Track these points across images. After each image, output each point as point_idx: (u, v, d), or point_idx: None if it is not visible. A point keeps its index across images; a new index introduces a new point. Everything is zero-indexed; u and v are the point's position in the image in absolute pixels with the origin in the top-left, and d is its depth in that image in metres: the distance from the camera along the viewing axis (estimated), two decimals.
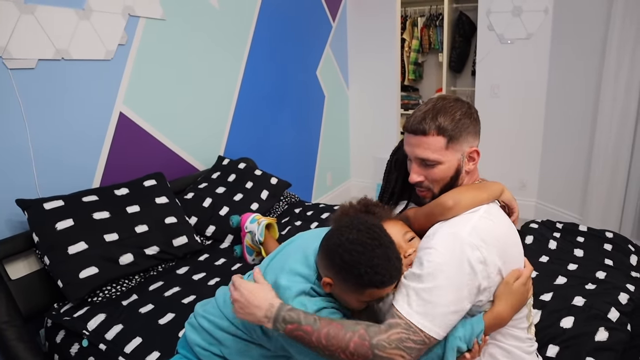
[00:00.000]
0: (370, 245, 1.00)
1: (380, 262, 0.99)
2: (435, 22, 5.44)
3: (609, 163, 3.13)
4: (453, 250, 1.01)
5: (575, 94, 3.39)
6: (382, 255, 1.00)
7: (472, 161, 1.16)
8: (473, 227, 1.04)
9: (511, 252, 1.10)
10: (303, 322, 0.99)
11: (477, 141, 1.17)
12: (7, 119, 1.76)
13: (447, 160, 1.12)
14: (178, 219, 2.05)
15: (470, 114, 1.14)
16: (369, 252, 0.99)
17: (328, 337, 0.97)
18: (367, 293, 1.03)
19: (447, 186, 1.15)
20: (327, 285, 1.06)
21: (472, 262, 1.00)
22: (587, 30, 3.21)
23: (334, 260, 1.02)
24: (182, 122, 2.58)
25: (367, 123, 4.50)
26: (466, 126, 1.12)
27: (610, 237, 2.14)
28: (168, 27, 2.41)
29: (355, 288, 1.03)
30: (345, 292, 1.06)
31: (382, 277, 0.99)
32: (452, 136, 1.11)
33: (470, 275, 1.00)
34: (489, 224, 1.07)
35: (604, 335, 1.43)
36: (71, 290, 1.65)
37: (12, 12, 1.73)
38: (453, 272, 1.00)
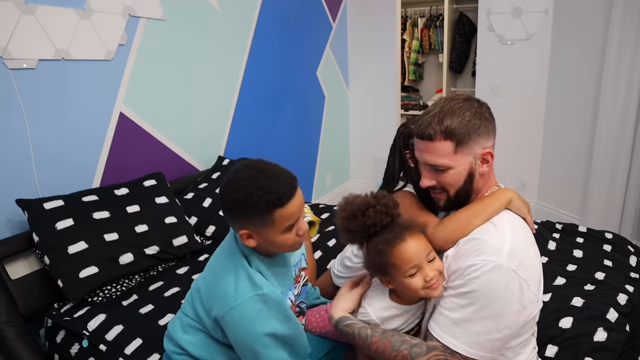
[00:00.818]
0: (251, 175, 1.04)
1: (267, 182, 1.02)
2: (436, 23, 5.44)
3: (609, 164, 3.13)
4: (496, 283, 0.99)
5: (576, 95, 3.39)
6: (266, 177, 1.04)
7: (486, 163, 1.11)
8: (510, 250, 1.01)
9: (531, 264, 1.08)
10: (357, 336, 1.11)
11: (490, 141, 1.11)
12: (8, 119, 1.77)
13: (457, 165, 1.08)
14: (178, 219, 2.05)
15: (480, 113, 1.08)
16: (252, 179, 1.03)
17: (377, 351, 1.08)
18: (277, 218, 1.04)
19: (463, 190, 1.11)
20: (248, 238, 1.08)
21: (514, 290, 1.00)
22: (587, 31, 3.21)
23: (232, 207, 1.06)
24: (182, 122, 2.59)
25: (367, 123, 4.50)
26: (476, 127, 1.07)
27: (610, 238, 2.14)
28: (168, 27, 2.42)
29: (263, 218, 1.04)
30: (264, 232, 1.07)
31: (276, 194, 1.02)
32: (460, 140, 1.06)
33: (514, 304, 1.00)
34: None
35: (602, 336, 1.43)
36: (71, 290, 1.65)
37: (13, 13, 1.73)
38: (495, 305, 1.00)
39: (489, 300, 0.98)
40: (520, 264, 1.00)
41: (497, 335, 1.00)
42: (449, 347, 1.02)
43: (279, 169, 1.08)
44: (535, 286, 1.05)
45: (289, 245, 1.11)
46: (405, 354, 1.04)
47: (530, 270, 1.03)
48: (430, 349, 1.04)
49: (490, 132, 1.10)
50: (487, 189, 1.16)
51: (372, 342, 1.08)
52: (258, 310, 1.06)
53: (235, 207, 1.05)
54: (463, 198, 1.13)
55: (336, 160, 4.46)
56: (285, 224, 1.06)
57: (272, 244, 1.09)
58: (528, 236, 1.11)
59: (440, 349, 1.03)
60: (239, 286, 1.08)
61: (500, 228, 1.05)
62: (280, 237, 1.08)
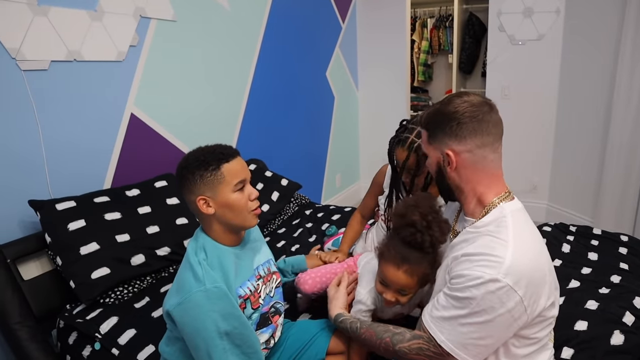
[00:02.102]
0: (198, 148, 1.24)
1: (211, 147, 1.23)
2: (445, 23, 5.42)
3: (622, 165, 3.09)
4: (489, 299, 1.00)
5: (588, 95, 3.35)
6: (210, 146, 1.23)
7: (449, 165, 1.10)
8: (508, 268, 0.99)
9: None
10: (349, 330, 1.29)
11: (460, 145, 1.07)
12: (20, 120, 1.77)
13: (430, 154, 1.16)
14: (189, 220, 2.05)
15: (458, 113, 1.06)
16: (200, 149, 1.23)
17: (365, 341, 1.24)
18: (226, 173, 1.18)
19: (439, 182, 1.18)
20: (207, 207, 1.19)
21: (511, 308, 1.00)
22: (600, 30, 3.18)
23: (186, 173, 1.19)
24: (193, 123, 2.59)
25: (377, 124, 4.49)
26: (443, 125, 1.08)
27: (625, 241, 2.11)
28: (179, 28, 2.42)
29: (214, 175, 1.18)
30: (218, 192, 1.19)
31: (220, 152, 1.20)
32: (431, 132, 1.13)
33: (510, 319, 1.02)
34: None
35: (619, 339, 1.41)
36: (83, 291, 1.65)
37: (26, 14, 1.74)
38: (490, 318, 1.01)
39: (482, 310, 0.99)
40: (521, 278, 0.98)
41: (482, 342, 1.03)
42: (434, 339, 1.07)
43: (220, 146, 1.25)
44: (543, 295, 1.03)
45: (243, 206, 1.21)
46: (387, 341, 1.17)
47: (536, 283, 1.01)
48: (414, 337, 1.13)
49: (460, 135, 1.07)
50: (483, 192, 1.11)
51: (361, 332, 1.24)
52: (200, 305, 1.10)
53: (188, 172, 1.19)
54: (445, 190, 1.19)
55: (346, 161, 4.44)
56: (234, 179, 1.19)
57: (228, 206, 1.20)
58: (537, 244, 1.08)
59: (424, 339, 1.10)
60: (185, 283, 1.14)
61: (504, 239, 1.03)
62: (233, 197, 1.20)
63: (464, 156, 1.08)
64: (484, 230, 1.07)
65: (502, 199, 1.11)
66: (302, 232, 2.43)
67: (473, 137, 1.07)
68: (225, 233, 1.25)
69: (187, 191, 1.21)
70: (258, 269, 1.34)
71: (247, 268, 1.29)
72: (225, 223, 1.23)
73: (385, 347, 1.18)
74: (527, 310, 1.00)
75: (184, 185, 1.21)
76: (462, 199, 1.16)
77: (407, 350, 1.13)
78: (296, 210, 2.77)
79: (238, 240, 1.31)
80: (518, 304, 0.98)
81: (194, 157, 1.20)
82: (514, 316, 1.00)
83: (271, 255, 1.47)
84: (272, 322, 1.36)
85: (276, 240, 2.36)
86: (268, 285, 1.36)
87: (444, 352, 1.06)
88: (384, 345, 1.17)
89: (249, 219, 1.24)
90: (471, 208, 1.14)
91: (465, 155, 1.08)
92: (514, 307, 0.98)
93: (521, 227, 1.06)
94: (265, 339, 1.33)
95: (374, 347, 1.22)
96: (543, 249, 1.09)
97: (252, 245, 1.37)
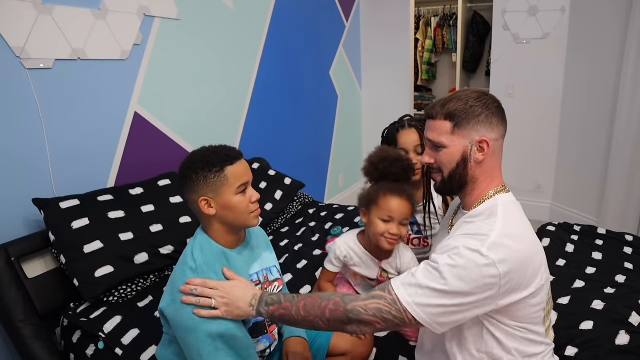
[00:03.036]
0: (202, 149, 1.24)
1: (216, 148, 1.22)
2: (449, 22, 5.40)
3: (626, 164, 3.07)
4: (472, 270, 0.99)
5: (593, 94, 3.34)
6: (214, 147, 1.23)
7: (482, 152, 1.10)
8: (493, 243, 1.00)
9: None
10: (283, 300, 1.12)
11: (492, 133, 1.11)
12: (25, 119, 1.78)
13: (452, 145, 1.11)
14: (192, 219, 2.04)
15: (485, 103, 1.10)
16: (204, 149, 1.22)
17: (305, 307, 1.08)
18: (230, 175, 1.18)
19: (457, 174, 1.13)
20: (208, 207, 1.19)
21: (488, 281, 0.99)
22: (605, 29, 3.16)
23: (190, 173, 1.19)
24: (196, 122, 2.59)
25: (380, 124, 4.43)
26: (476, 114, 1.09)
27: (630, 241, 2.10)
28: (183, 27, 2.42)
29: (218, 177, 1.17)
30: (221, 193, 1.18)
31: (225, 154, 1.19)
32: (458, 122, 1.10)
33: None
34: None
35: (625, 339, 1.40)
36: (87, 289, 1.65)
37: (31, 13, 1.74)
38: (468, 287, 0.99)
39: (458, 279, 0.98)
40: (503, 255, 0.98)
41: (452, 312, 1.00)
42: (399, 301, 1.02)
43: (222, 146, 1.26)
44: (525, 281, 1.02)
45: (244, 209, 1.21)
46: (337, 301, 1.06)
47: (519, 265, 1.01)
48: (373, 297, 1.05)
49: (492, 123, 1.11)
50: (488, 184, 1.14)
51: (299, 300, 1.11)
52: (193, 306, 1.10)
53: (192, 172, 1.18)
54: (457, 183, 1.14)
55: (349, 161, 4.44)
56: (237, 182, 1.19)
57: (229, 207, 1.19)
58: (525, 231, 1.08)
59: (387, 300, 1.03)
60: (179, 282, 1.14)
61: (492, 222, 1.05)
62: (235, 199, 1.19)
63: (493, 144, 1.11)
64: (476, 219, 1.09)
65: (497, 191, 1.14)
66: (305, 231, 2.43)
67: (500, 125, 1.12)
68: (226, 233, 1.25)
69: (189, 190, 1.21)
70: (257, 274, 1.33)
71: (243, 271, 1.28)
72: (226, 223, 1.23)
73: (332, 309, 1.05)
74: (500, 289, 0.98)
75: (186, 184, 1.21)
76: (467, 191, 1.15)
77: (362, 310, 1.03)
78: (299, 209, 2.76)
79: (238, 242, 1.30)
80: (495, 279, 0.97)
81: (198, 158, 1.20)
82: (487, 290, 0.98)
83: (275, 262, 1.44)
84: (268, 331, 1.34)
85: (279, 239, 2.36)
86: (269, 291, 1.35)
87: (408, 317, 1.01)
88: (332, 307, 1.06)
89: (250, 219, 1.24)
90: (471, 200, 1.15)
91: (494, 143, 1.11)
92: (491, 282, 0.97)
93: (511, 215, 1.08)
94: (260, 349, 1.32)
95: (316, 315, 1.07)
96: (531, 237, 1.09)
97: (253, 251, 1.35)
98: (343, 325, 1.06)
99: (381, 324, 1.04)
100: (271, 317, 1.13)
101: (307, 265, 2.02)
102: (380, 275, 1.54)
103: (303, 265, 2.02)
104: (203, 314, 1.11)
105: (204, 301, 1.11)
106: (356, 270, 1.55)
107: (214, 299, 1.12)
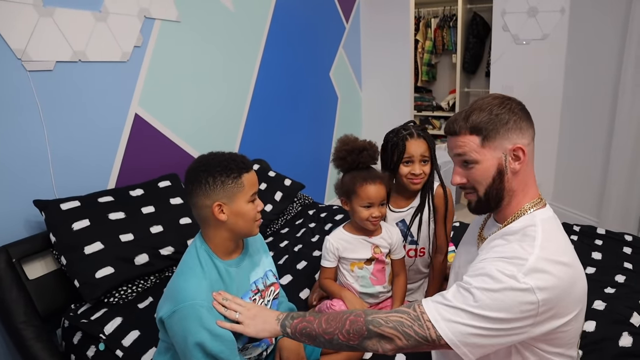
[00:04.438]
0: (215, 154, 1.25)
1: (231, 155, 1.23)
2: (449, 23, 5.40)
3: (626, 164, 3.07)
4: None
5: (592, 94, 3.34)
6: (227, 153, 1.24)
7: (517, 160, 1.03)
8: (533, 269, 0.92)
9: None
10: (307, 315, 1.12)
11: (523, 139, 1.04)
12: (25, 121, 1.78)
13: (484, 159, 1.04)
14: (193, 220, 2.05)
15: (511, 108, 1.04)
16: (219, 154, 1.23)
17: (327, 320, 1.07)
18: (246, 182, 1.20)
19: (493, 189, 1.05)
20: (220, 213, 1.18)
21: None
22: (605, 30, 3.16)
23: (207, 177, 1.17)
24: (196, 124, 2.59)
25: (380, 125, 4.46)
26: (504, 122, 1.02)
27: (630, 241, 2.10)
28: (183, 29, 2.43)
29: (235, 182, 1.18)
30: (235, 199, 1.19)
31: (241, 161, 1.21)
32: (486, 134, 1.03)
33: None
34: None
35: (628, 341, 1.40)
36: (87, 290, 1.66)
37: (31, 15, 1.75)
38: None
39: (492, 305, 0.91)
40: (541, 281, 0.90)
41: (482, 338, 0.93)
42: (423, 316, 0.96)
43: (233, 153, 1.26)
44: (564, 308, 0.95)
45: (252, 217, 1.23)
46: (359, 313, 1.04)
47: (558, 292, 0.92)
48: (396, 311, 1.00)
49: (522, 128, 1.04)
50: (524, 195, 1.07)
51: (323, 314, 1.10)
52: (191, 319, 1.09)
53: (209, 175, 1.17)
54: (494, 199, 1.07)
55: None
56: (251, 190, 1.22)
57: (240, 214, 1.20)
58: (566, 253, 0.98)
59: (410, 315, 0.97)
60: (180, 292, 1.13)
61: (530, 245, 0.96)
62: (247, 207, 1.21)
63: (527, 149, 1.04)
64: (511, 238, 1.01)
65: (533, 204, 1.07)
66: (305, 232, 2.43)
67: (530, 128, 1.06)
68: (229, 241, 1.24)
69: (201, 194, 1.18)
70: (256, 282, 1.33)
71: (243, 284, 1.28)
72: (233, 231, 1.23)
73: (352, 320, 1.02)
74: (537, 317, 0.91)
75: (199, 188, 1.18)
76: (503, 205, 1.08)
77: (382, 321, 0.99)
78: (299, 210, 2.77)
79: (237, 252, 1.30)
80: (533, 306, 0.90)
81: (216, 162, 1.19)
82: (523, 318, 0.91)
83: (272, 266, 1.44)
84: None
85: (279, 240, 2.36)
86: (266, 298, 1.36)
87: (431, 335, 0.94)
88: (352, 318, 1.03)
89: (254, 228, 1.26)
90: (506, 214, 1.09)
91: (528, 148, 1.04)
92: (527, 309, 0.90)
93: (551, 237, 0.99)
94: (257, 352, 1.33)
95: (336, 327, 1.04)
96: (574, 260, 0.99)
97: (252, 258, 1.35)
98: (362, 339, 1.01)
99: (402, 341, 0.97)
100: (294, 330, 1.11)
101: (306, 267, 2.02)
102: (374, 251, 1.61)
103: (303, 267, 2.03)
104: (226, 326, 1.13)
105: (229, 314, 1.15)
106: (350, 257, 1.62)
107: (239, 313, 1.15)
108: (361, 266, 1.61)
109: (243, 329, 1.14)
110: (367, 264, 1.61)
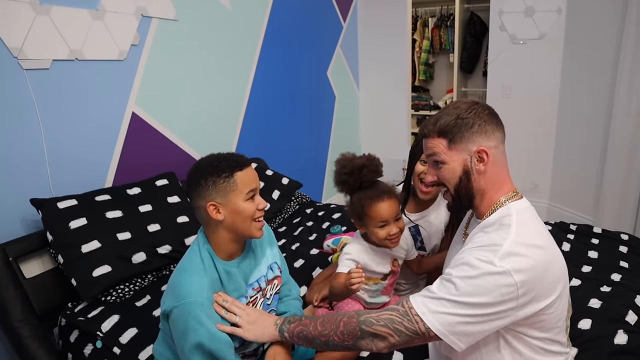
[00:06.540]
0: (211, 155, 1.25)
1: (225, 154, 1.23)
2: (446, 23, 5.41)
3: (623, 164, 3.09)
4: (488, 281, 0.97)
5: (589, 94, 3.35)
6: (223, 153, 1.24)
7: (482, 162, 1.09)
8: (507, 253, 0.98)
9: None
10: (303, 318, 1.17)
11: (489, 142, 1.09)
12: (22, 119, 1.78)
13: (451, 161, 1.11)
14: (190, 218, 2.05)
15: (476, 113, 1.09)
16: (214, 155, 1.24)
17: (323, 322, 1.12)
18: (239, 181, 1.19)
19: (462, 188, 1.11)
20: (216, 212, 1.19)
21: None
22: (601, 29, 3.17)
23: (199, 178, 1.19)
24: (194, 122, 2.59)
25: (378, 124, 4.49)
26: (469, 126, 1.08)
27: (626, 240, 2.11)
28: (180, 27, 2.43)
29: (227, 182, 1.18)
30: (230, 198, 1.18)
31: (234, 160, 1.21)
32: (452, 137, 1.09)
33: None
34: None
35: (623, 339, 1.41)
36: (84, 289, 1.66)
37: (28, 13, 1.74)
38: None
39: (474, 292, 0.96)
40: (518, 264, 0.96)
41: (469, 325, 0.98)
42: (411, 310, 1.01)
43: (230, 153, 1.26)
44: (547, 284, 1.00)
45: (249, 215, 1.21)
46: (351, 314, 1.10)
47: (539, 269, 0.98)
48: (386, 309, 1.06)
49: (488, 132, 1.10)
50: (497, 191, 1.12)
51: (318, 317, 1.15)
52: (192, 316, 1.10)
53: (201, 178, 1.19)
54: (465, 197, 1.13)
55: None
56: (246, 188, 1.20)
57: (237, 213, 1.20)
58: (541, 238, 1.05)
59: (399, 311, 1.03)
60: (183, 288, 1.14)
61: (505, 232, 1.03)
62: (244, 205, 1.20)
63: (492, 152, 1.09)
64: (489, 229, 1.07)
65: (509, 198, 1.12)
66: (303, 231, 2.44)
67: (496, 132, 1.11)
68: (229, 241, 1.24)
69: (197, 196, 1.20)
70: (258, 280, 1.33)
71: (240, 286, 1.27)
72: (232, 231, 1.22)
73: (346, 322, 1.08)
74: (519, 299, 0.96)
75: (194, 190, 1.20)
76: (476, 203, 1.14)
77: (374, 320, 1.05)
78: (297, 209, 2.77)
79: (240, 251, 1.30)
80: (512, 288, 0.95)
81: (207, 164, 1.21)
82: (505, 301, 0.96)
83: (276, 257, 1.43)
84: None
85: (277, 238, 2.35)
86: (267, 293, 1.36)
87: (420, 328, 0.99)
88: (346, 319, 1.09)
89: (253, 228, 1.24)
90: (483, 210, 1.13)
91: (493, 150, 1.10)
92: (507, 292, 0.95)
93: (525, 223, 1.06)
94: (254, 347, 1.33)
95: (331, 329, 1.10)
96: (548, 243, 1.05)
97: (254, 256, 1.34)
98: (356, 339, 1.07)
99: (395, 338, 1.02)
100: (291, 334, 1.16)
101: (304, 265, 2.03)
102: (393, 264, 1.56)
103: (300, 265, 2.03)
104: (226, 330, 1.15)
105: (229, 316, 1.18)
106: (369, 271, 1.53)
107: (239, 317, 1.18)
108: (377, 281, 1.57)
109: (243, 334, 1.18)
110: (383, 279, 1.57)
